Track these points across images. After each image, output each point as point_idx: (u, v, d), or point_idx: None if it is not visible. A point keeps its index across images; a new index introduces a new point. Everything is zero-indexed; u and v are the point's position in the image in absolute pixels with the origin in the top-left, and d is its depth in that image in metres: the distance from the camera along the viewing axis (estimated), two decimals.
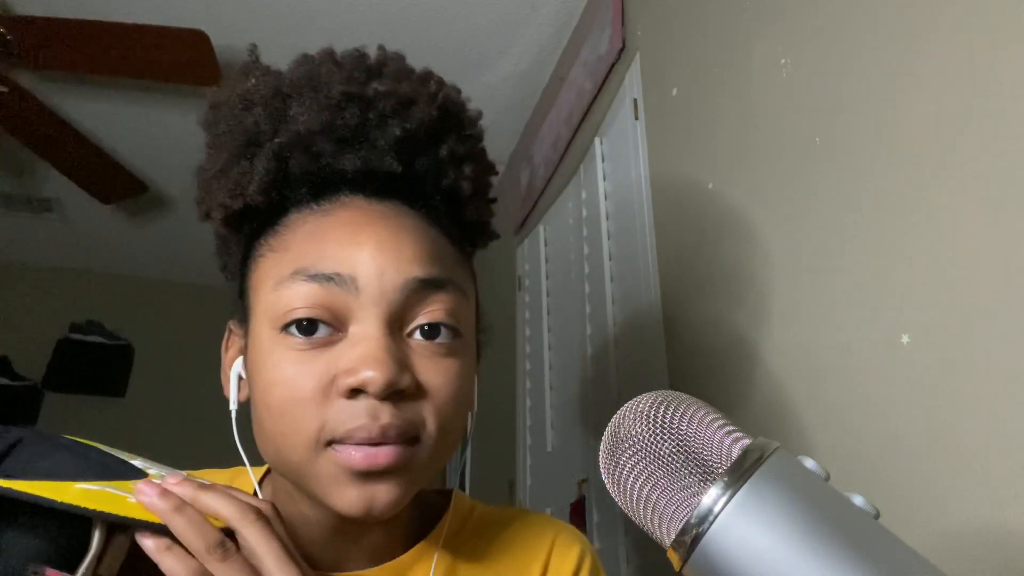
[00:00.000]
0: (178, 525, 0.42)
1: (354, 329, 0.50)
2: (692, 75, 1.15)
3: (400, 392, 0.49)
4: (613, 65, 1.45)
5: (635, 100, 1.32)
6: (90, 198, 2.37)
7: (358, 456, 0.48)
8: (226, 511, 0.44)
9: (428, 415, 0.51)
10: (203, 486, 0.45)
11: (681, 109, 1.17)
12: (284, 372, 0.49)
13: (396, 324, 0.51)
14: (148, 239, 2.96)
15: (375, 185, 0.56)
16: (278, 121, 0.55)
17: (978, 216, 0.61)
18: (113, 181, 2.31)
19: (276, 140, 0.54)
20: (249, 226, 0.58)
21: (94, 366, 3.05)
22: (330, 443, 0.49)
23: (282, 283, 0.51)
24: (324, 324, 0.50)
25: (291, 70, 0.58)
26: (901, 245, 0.69)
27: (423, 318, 0.52)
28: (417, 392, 0.50)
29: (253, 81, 0.57)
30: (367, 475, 0.49)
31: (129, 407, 3.05)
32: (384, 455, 0.48)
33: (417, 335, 0.52)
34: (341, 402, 0.48)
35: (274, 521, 0.46)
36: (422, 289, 0.52)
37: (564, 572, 0.63)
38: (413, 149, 0.56)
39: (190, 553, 0.42)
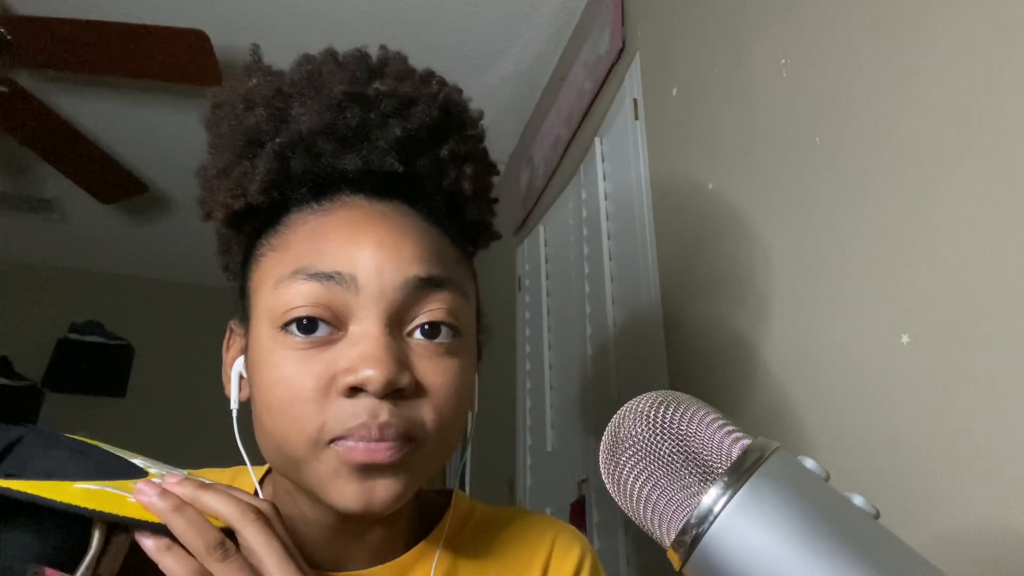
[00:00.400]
0: (178, 525, 0.42)
1: (354, 328, 0.50)
2: (692, 75, 1.15)
3: (400, 391, 0.49)
4: (613, 65, 1.45)
5: (635, 100, 1.32)
6: (90, 198, 2.37)
7: (360, 448, 0.48)
8: (226, 511, 0.44)
9: (427, 414, 0.50)
10: (203, 485, 0.45)
11: (681, 109, 1.17)
12: (284, 371, 0.49)
13: (396, 323, 0.51)
14: (148, 239, 2.96)
15: (376, 185, 0.56)
16: (280, 121, 0.55)
17: (978, 216, 0.61)
18: (113, 181, 2.31)
19: (277, 140, 0.54)
20: (250, 226, 0.58)
21: (94, 366, 3.04)
22: (331, 441, 0.49)
23: (282, 282, 0.51)
24: (324, 323, 0.50)
25: (293, 70, 0.58)
26: (901, 245, 0.69)
27: (423, 317, 0.52)
28: (417, 391, 0.50)
29: (255, 81, 0.57)
30: (366, 471, 0.49)
31: (129, 407, 3.05)
32: (384, 450, 0.48)
33: (417, 334, 0.52)
34: (341, 401, 0.48)
35: (274, 521, 0.46)
36: (422, 288, 0.52)
37: (564, 572, 0.63)
38: (414, 149, 0.57)
39: (190, 553, 0.42)
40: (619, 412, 0.38)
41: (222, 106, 0.58)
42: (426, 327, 0.52)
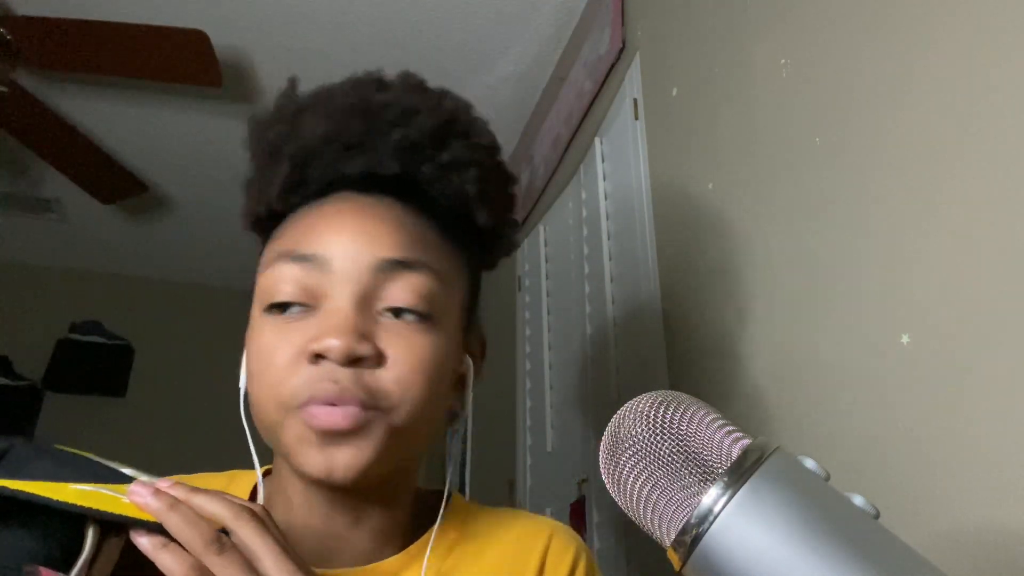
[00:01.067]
0: (173, 522, 0.42)
1: (327, 305, 0.54)
2: (692, 75, 1.15)
3: (360, 360, 0.52)
4: (613, 65, 1.45)
5: (635, 100, 1.32)
6: (90, 198, 2.37)
7: (320, 414, 0.51)
8: (219, 511, 0.44)
9: (389, 383, 0.53)
10: (195, 488, 0.46)
11: (681, 109, 1.17)
12: (265, 343, 0.55)
13: (366, 301, 0.54)
14: (148, 239, 2.95)
15: (378, 189, 0.59)
16: (294, 132, 0.60)
17: (979, 216, 0.61)
18: (113, 181, 2.31)
19: (291, 149, 0.59)
20: (271, 229, 0.62)
21: (94, 366, 3.04)
22: (300, 407, 0.52)
23: (270, 265, 0.56)
24: (301, 304, 0.55)
25: (311, 91, 0.64)
26: (901, 245, 0.69)
27: (393, 298, 0.55)
28: (379, 361, 0.53)
29: (282, 101, 0.63)
30: (329, 438, 0.51)
31: (129, 407, 3.05)
32: (343, 414, 0.51)
33: (388, 313, 0.55)
34: (308, 367, 0.52)
35: (268, 521, 0.46)
36: (391, 269, 0.55)
37: (560, 572, 0.63)
38: (416, 154, 0.59)
39: (187, 550, 0.42)
40: (619, 412, 0.38)
41: (257, 124, 0.64)
42: (395, 306, 0.55)
